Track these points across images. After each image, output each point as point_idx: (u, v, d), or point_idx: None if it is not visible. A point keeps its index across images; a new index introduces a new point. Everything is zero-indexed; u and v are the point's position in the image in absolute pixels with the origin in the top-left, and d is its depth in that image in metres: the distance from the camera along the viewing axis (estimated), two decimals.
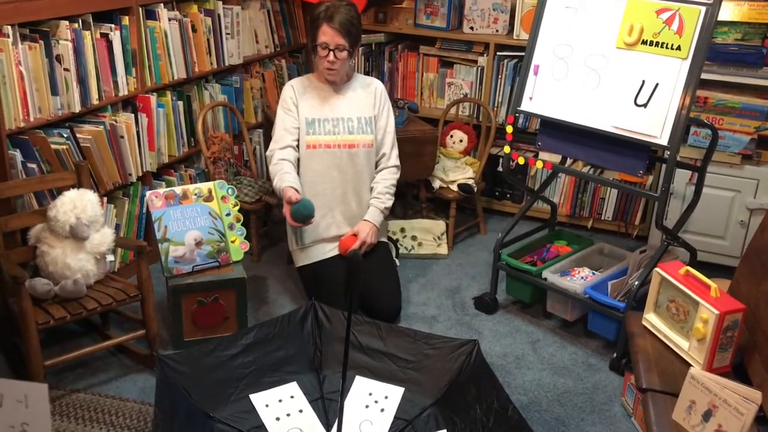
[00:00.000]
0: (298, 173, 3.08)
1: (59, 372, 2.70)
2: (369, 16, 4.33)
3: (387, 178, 3.20)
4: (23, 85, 2.67)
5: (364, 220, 3.12)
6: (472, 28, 4.12)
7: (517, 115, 3.11)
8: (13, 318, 2.58)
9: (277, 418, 2.37)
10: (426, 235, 3.80)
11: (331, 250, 3.12)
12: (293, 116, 3.09)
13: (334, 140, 3.09)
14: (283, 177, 2.99)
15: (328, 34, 2.95)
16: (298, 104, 3.09)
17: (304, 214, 2.90)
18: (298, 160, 3.10)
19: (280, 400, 2.44)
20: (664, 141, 2.63)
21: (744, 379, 2.16)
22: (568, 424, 2.57)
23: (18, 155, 2.72)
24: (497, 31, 4.08)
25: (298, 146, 3.10)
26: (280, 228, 3.68)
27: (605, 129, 2.76)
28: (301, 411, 2.42)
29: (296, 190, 2.94)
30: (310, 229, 3.11)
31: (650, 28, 2.66)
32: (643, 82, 2.68)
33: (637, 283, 2.76)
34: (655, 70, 2.65)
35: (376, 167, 3.22)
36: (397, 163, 3.24)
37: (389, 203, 3.20)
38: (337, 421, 2.15)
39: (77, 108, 2.93)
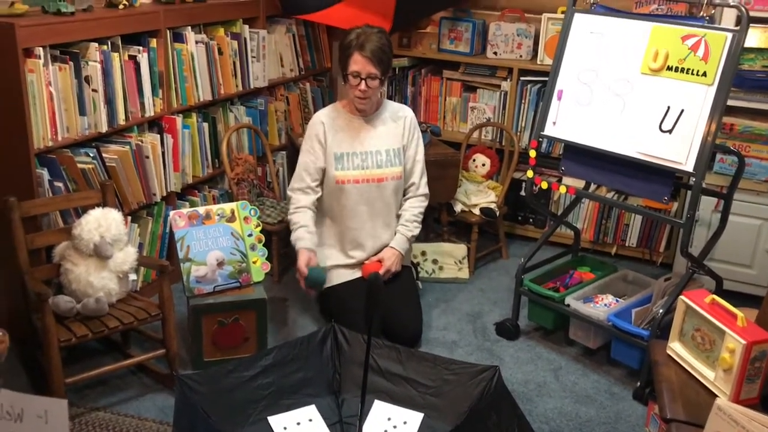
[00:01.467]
0: (325, 207, 3.10)
1: (80, 390, 2.71)
2: (393, 40, 4.32)
3: (415, 206, 3.20)
4: (52, 105, 2.72)
5: (390, 246, 3.12)
6: (495, 53, 4.14)
7: (540, 139, 3.10)
8: (36, 335, 2.61)
9: None
10: (447, 259, 3.79)
11: (352, 274, 3.11)
12: (317, 156, 3.07)
13: (362, 175, 3.09)
14: (301, 234, 3.01)
15: (359, 63, 2.93)
16: (327, 140, 3.07)
17: (318, 282, 2.94)
18: (327, 194, 3.11)
19: (299, 423, 2.42)
20: (689, 167, 2.61)
21: None
22: None
23: (45, 174, 2.77)
24: (521, 56, 4.09)
25: (319, 185, 3.10)
26: None
27: (630, 154, 2.74)
28: None
29: (311, 251, 2.98)
30: (335, 255, 3.11)
31: (675, 54, 2.64)
32: (669, 108, 2.66)
33: (661, 311, 2.72)
34: (681, 96, 2.63)
35: (404, 194, 3.22)
36: (426, 191, 3.23)
37: (416, 231, 3.19)
38: None
39: (104, 128, 2.97)
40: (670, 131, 2.65)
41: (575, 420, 2.70)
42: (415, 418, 2.46)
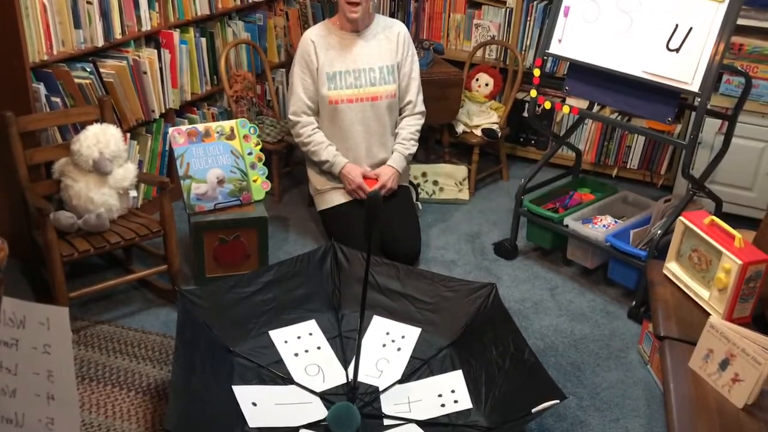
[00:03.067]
0: (322, 130, 3.08)
1: (83, 304, 2.76)
2: None
3: (412, 124, 3.17)
4: (46, 18, 2.65)
5: (387, 165, 3.11)
6: None
7: (545, 58, 3.04)
8: (38, 251, 2.63)
9: (296, 354, 2.41)
10: (448, 180, 3.78)
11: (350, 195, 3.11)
12: (310, 77, 3.03)
13: (356, 94, 3.04)
14: (334, 152, 3.06)
15: None
16: (318, 59, 3.02)
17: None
18: (321, 115, 3.09)
19: (299, 337, 2.48)
20: (695, 88, 2.57)
21: (764, 330, 2.14)
22: (584, 370, 2.58)
23: (42, 89, 2.73)
24: None
25: (316, 106, 3.08)
26: (301, 169, 3.68)
27: (635, 74, 2.70)
28: (319, 348, 2.46)
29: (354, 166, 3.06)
30: (330, 176, 3.11)
31: None
32: (677, 25, 2.59)
33: (660, 231, 2.73)
34: (690, 13, 2.56)
35: (400, 113, 3.19)
36: (423, 109, 3.21)
37: (413, 149, 3.18)
38: (354, 359, 2.19)
39: (100, 42, 2.91)
40: (677, 50, 2.60)
41: (570, 337, 2.76)
42: (413, 332, 2.52)
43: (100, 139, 2.63)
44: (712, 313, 2.21)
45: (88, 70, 2.88)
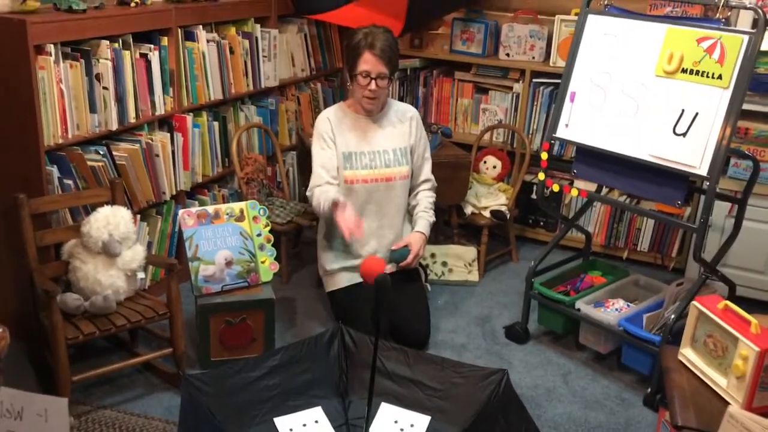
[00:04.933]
0: None
1: (86, 388, 2.71)
2: (405, 41, 4.35)
3: (429, 196, 3.22)
4: (63, 103, 2.72)
5: (416, 231, 3.11)
6: (508, 54, 4.11)
7: (552, 141, 3.07)
8: (43, 332, 2.61)
9: None
10: (457, 261, 3.76)
11: (359, 276, 3.09)
12: (330, 152, 3.05)
13: (371, 174, 3.07)
14: (329, 194, 2.93)
15: (369, 62, 2.92)
16: (335, 138, 3.06)
17: (402, 258, 3.04)
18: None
19: (305, 425, 2.41)
20: (703, 171, 2.57)
21: None
22: None
23: (55, 171, 2.77)
24: (533, 58, 4.06)
25: (336, 181, 3.09)
26: (310, 250, 3.68)
27: (643, 158, 2.71)
28: None
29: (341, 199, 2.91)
30: (341, 256, 3.10)
31: (690, 56, 2.61)
32: (683, 111, 2.62)
33: (673, 316, 2.69)
34: (696, 99, 2.60)
35: (414, 190, 3.22)
36: (435, 184, 3.26)
37: (434, 218, 3.20)
38: None
39: (114, 126, 2.97)
40: (684, 134, 2.62)
41: (584, 425, 2.67)
42: (423, 421, 2.44)
43: (111, 221, 2.64)
44: (731, 401, 2.14)
45: (102, 153, 2.93)
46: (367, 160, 3.07)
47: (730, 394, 2.16)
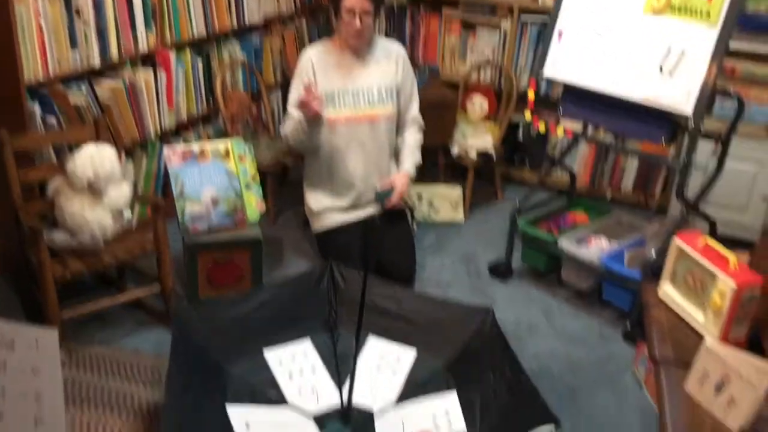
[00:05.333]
0: (318, 150, 3.07)
1: (76, 325, 2.74)
2: None
3: (416, 138, 3.21)
4: (42, 38, 2.66)
5: (402, 170, 3.12)
6: None
7: (539, 80, 3.06)
8: (31, 269, 2.62)
9: (290, 375, 2.39)
10: (443, 201, 3.78)
11: (346, 217, 3.10)
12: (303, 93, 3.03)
13: (354, 114, 3.05)
14: (291, 123, 2.95)
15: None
16: (316, 78, 3.02)
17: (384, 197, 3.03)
18: (320, 135, 3.07)
19: (294, 357, 2.46)
20: (688, 110, 2.58)
21: (759, 353, 2.14)
22: (579, 393, 2.57)
23: (37, 108, 2.73)
24: None
25: None
26: (297, 190, 3.67)
27: (629, 96, 2.72)
28: (314, 369, 2.43)
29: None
30: (327, 196, 3.11)
31: None
32: (670, 49, 2.62)
33: (654, 253, 2.73)
34: (683, 37, 2.59)
35: (404, 128, 3.21)
36: (423, 123, 3.24)
37: (420, 158, 3.20)
38: (349, 380, 2.17)
39: (96, 62, 2.92)
40: (670, 73, 2.62)
41: (565, 360, 2.75)
42: (409, 354, 2.50)
43: (95, 159, 2.62)
44: (707, 335, 2.20)
45: (84, 90, 2.89)
46: (351, 98, 3.05)
47: (707, 329, 2.22)
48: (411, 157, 3.15)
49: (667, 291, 2.42)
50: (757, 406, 1.86)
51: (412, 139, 3.19)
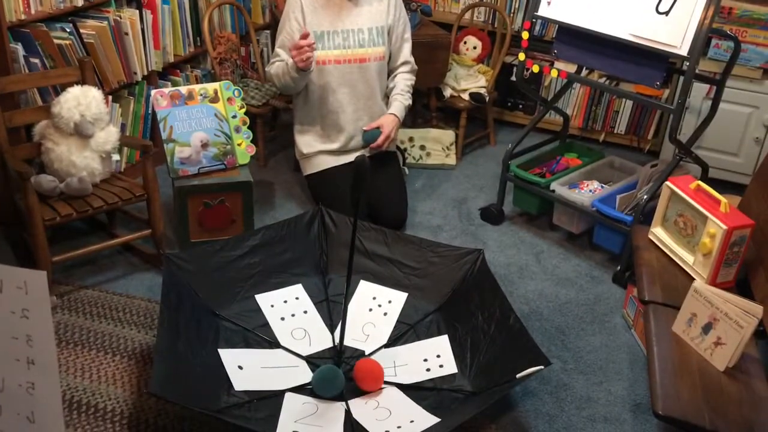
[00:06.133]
0: (305, 91, 3.03)
1: (67, 269, 2.74)
2: None
3: (407, 78, 3.16)
4: None
5: (389, 113, 3.07)
6: None
7: (533, 20, 3.00)
8: (19, 214, 2.60)
9: (282, 318, 2.41)
10: (435, 144, 3.76)
11: (336, 160, 3.08)
12: (294, 35, 2.95)
13: (343, 55, 2.99)
14: (279, 65, 2.91)
15: None
16: (306, 18, 2.95)
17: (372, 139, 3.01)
18: (310, 76, 3.02)
19: (285, 301, 2.48)
20: (683, 52, 2.55)
21: (747, 295, 2.17)
22: (568, 334, 2.60)
23: (20, 49, 2.66)
24: None
25: None
26: (287, 134, 3.64)
27: (624, 37, 2.67)
28: (305, 312, 2.45)
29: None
30: (317, 139, 3.08)
31: None
32: None
33: (646, 196, 2.74)
34: None
35: (393, 72, 3.16)
36: (416, 67, 3.19)
37: (410, 101, 3.16)
38: (340, 323, 2.19)
39: (80, 1, 2.84)
40: (666, 13, 2.57)
41: (555, 301, 2.78)
42: (400, 297, 2.52)
43: (81, 101, 2.58)
44: (697, 277, 2.22)
45: (68, 30, 2.81)
46: (340, 39, 2.99)
47: (697, 271, 2.25)
48: (401, 99, 3.11)
49: (658, 234, 2.44)
50: (743, 346, 1.89)
51: (403, 82, 3.14)
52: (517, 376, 2.03)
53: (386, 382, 2.19)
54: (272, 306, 2.45)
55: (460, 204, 3.42)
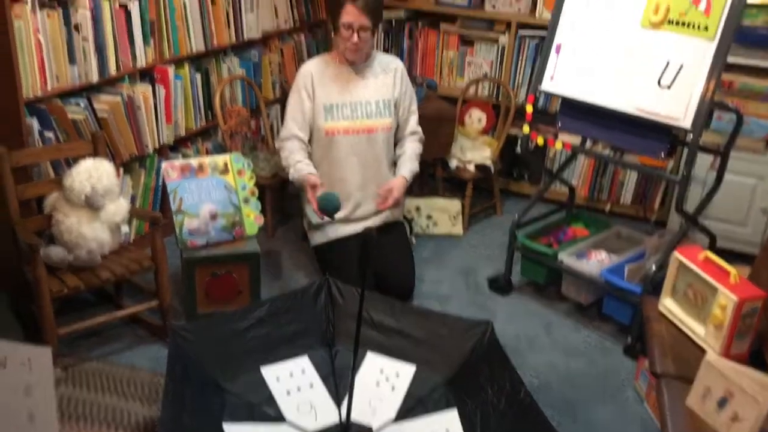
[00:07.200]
0: (314, 161, 3.07)
1: (73, 341, 2.72)
2: None
3: (415, 147, 3.21)
4: (41, 53, 2.66)
5: (400, 175, 3.10)
6: (493, 6, 4.06)
7: (537, 94, 3.06)
8: (28, 287, 2.60)
9: (288, 392, 2.37)
10: (442, 214, 3.78)
11: (344, 229, 3.10)
12: (304, 107, 3.05)
13: (352, 125, 3.06)
14: (300, 166, 2.99)
15: (352, 14, 2.89)
16: (315, 91, 3.04)
17: (331, 206, 2.77)
18: (316, 147, 3.10)
19: (292, 374, 2.44)
20: (687, 124, 2.58)
21: (761, 367, 2.12)
22: (579, 407, 2.55)
23: (35, 124, 2.72)
24: (519, 9, 4.02)
25: (308, 137, 3.10)
26: (295, 204, 3.67)
27: (627, 110, 2.72)
28: (311, 385, 2.41)
29: (315, 174, 2.95)
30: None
31: (677, 6, 2.60)
32: (668, 62, 2.62)
33: (654, 267, 2.73)
34: (681, 50, 2.59)
35: (401, 141, 3.22)
36: (422, 136, 3.25)
37: (417, 168, 3.19)
38: (347, 397, 2.15)
39: (95, 77, 2.92)
40: (668, 87, 2.62)
41: (565, 374, 2.73)
42: (408, 370, 2.48)
43: (93, 173, 2.62)
44: (709, 349, 2.19)
45: (82, 105, 2.89)
46: (349, 111, 3.06)
47: (709, 343, 2.21)
48: (409, 163, 3.15)
49: (668, 305, 2.41)
50: (761, 421, 1.84)
51: (411, 149, 3.19)
52: None
53: None
54: (278, 379, 2.41)
55: (468, 274, 3.41)
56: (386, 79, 3.12)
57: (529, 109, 3.06)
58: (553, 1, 3.12)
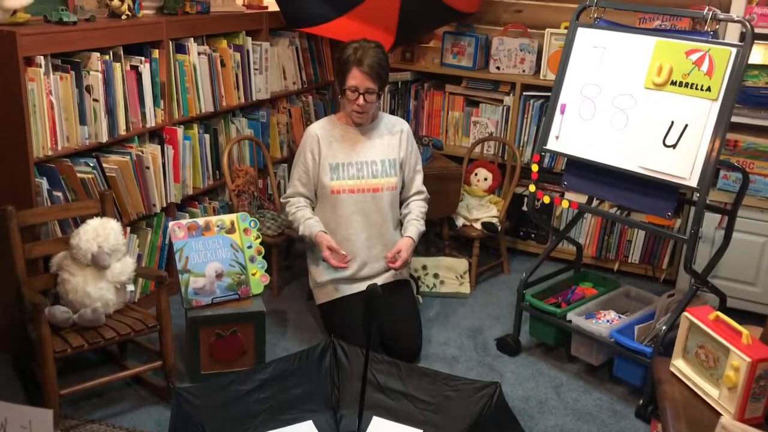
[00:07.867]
0: (322, 220, 3.10)
1: (75, 401, 2.68)
2: (396, 54, 4.37)
3: (421, 206, 3.22)
4: (53, 115, 2.71)
5: (406, 236, 3.10)
6: (498, 68, 4.13)
7: (542, 153, 3.08)
8: (31, 345, 2.58)
9: None
10: (448, 273, 3.76)
11: (349, 288, 3.08)
12: (308, 169, 3.10)
13: (358, 185, 3.08)
14: (311, 223, 3.04)
15: (357, 78, 2.95)
16: (321, 151, 3.08)
17: None
18: (322, 205, 3.13)
19: None
20: (693, 183, 2.59)
21: None
22: None
23: (44, 183, 2.75)
24: (524, 71, 4.08)
25: (312, 195, 3.16)
26: (301, 263, 3.66)
27: (633, 169, 2.72)
28: None
29: (327, 234, 3.02)
30: (331, 268, 3.09)
31: (680, 68, 2.63)
32: (672, 123, 2.64)
33: (664, 327, 2.69)
34: (685, 111, 2.61)
35: (406, 201, 3.23)
36: (428, 195, 3.26)
37: (424, 227, 3.19)
38: None
39: (105, 138, 2.96)
40: (674, 146, 2.63)
41: None
42: None
43: (100, 233, 2.62)
44: (723, 412, 2.14)
45: (91, 165, 2.92)
46: (354, 170, 3.08)
47: (722, 405, 2.16)
48: (416, 224, 3.15)
49: (680, 366, 2.36)
50: None
51: (417, 209, 3.19)
52: None
53: None
54: None
55: (476, 334, 3.37)
56: (392, 140, 3.15)
57: (535, 168, 3.07)
58: (556, 63, 3.17)
